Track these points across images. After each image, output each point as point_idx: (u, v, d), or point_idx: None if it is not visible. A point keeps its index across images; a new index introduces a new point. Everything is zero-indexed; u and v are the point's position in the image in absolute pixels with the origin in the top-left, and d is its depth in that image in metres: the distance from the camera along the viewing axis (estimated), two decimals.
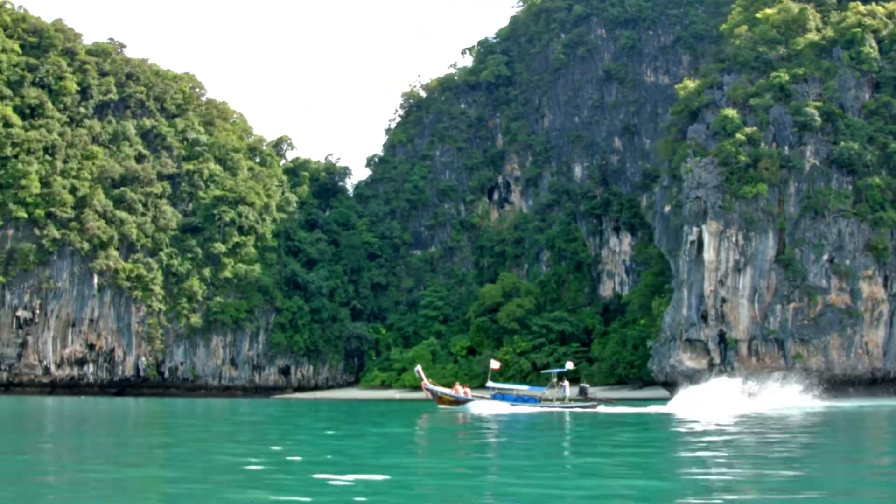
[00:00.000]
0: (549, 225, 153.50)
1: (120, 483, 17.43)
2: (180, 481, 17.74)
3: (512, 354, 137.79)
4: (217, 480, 17.80)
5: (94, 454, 24.60)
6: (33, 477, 18.62)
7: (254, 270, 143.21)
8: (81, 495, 15.79)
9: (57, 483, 17.78)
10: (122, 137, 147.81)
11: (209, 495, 15.57)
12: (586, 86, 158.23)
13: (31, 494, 15.78)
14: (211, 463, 21.56)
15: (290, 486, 16.80)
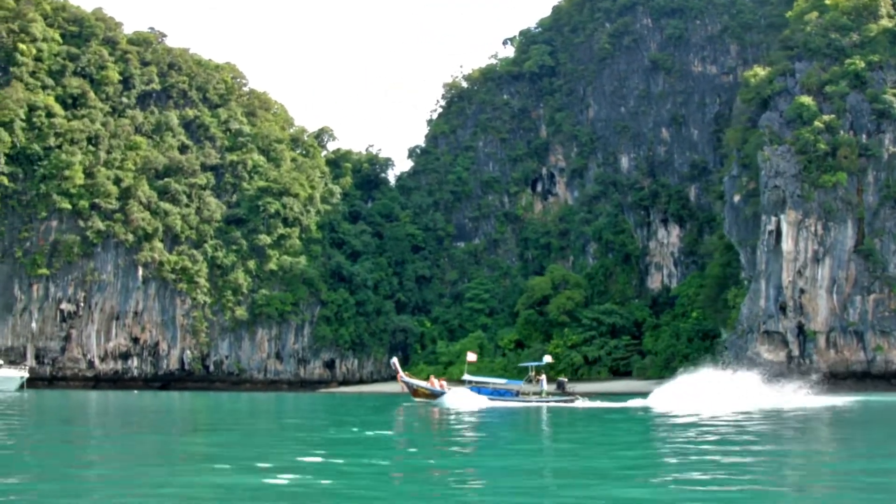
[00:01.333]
0: (596, 217, 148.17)
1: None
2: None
3: (562, 348, 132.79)
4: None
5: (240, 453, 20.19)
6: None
7: (299, 262, 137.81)
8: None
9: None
10: (164, 128, 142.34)
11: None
12: (632, 76, 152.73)
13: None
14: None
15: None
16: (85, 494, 13.55)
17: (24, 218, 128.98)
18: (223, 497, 13.34)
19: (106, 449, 20.11)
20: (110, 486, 14.77)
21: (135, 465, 17.72)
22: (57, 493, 13.51)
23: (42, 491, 13.82)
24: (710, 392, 47.72)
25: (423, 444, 23.78)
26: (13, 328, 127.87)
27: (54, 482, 14.97)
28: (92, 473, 16.62)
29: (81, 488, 14.36)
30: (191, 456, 20.12)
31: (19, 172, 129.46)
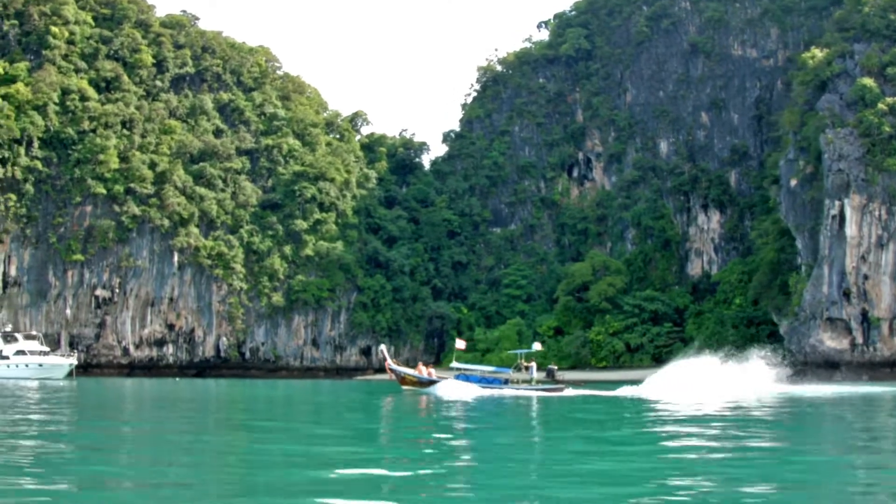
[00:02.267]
0: (635, 202, 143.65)
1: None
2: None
3: (604, 335, 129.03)
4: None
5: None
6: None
7: (335, 248, 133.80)
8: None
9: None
10: (199, 111, 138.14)
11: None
12: (671, 59, 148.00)
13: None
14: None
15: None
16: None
17: (59, 203, 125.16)
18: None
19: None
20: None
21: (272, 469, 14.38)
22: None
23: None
24: (704, 380, 46.23)
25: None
26: (47, 315, 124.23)
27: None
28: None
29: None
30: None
31: (53, 157, 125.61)
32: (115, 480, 13.19)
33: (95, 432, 22.60)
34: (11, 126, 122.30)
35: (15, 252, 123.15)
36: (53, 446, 17.99)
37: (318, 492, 11.87)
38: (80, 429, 23.36)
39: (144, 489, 12.48)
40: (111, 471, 14.28)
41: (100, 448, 17.65)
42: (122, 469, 14.88)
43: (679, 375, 50.39)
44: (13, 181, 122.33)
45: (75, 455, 16.01)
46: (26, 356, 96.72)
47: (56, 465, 14.51)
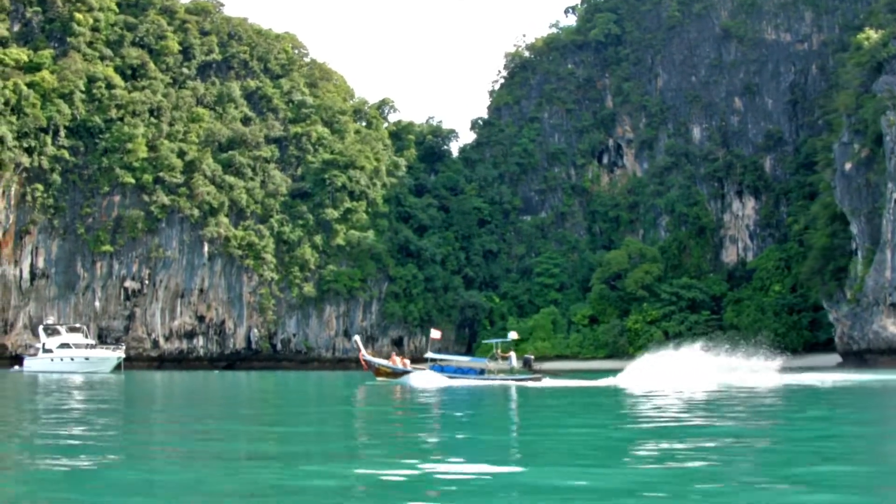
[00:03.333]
0: (668, 189, 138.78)
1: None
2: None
3: (641, 323, 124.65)
4: None
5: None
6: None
7: (367, 237, 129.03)
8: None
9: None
10: (226, 99, 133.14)
11: None
12: (703, 44, 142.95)
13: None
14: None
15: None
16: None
17: (86, 193, 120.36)
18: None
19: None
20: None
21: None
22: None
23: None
24: (682, 369, 44.32)
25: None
26: (75, 307, 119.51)
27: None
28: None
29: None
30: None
31: (80, 146, 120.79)
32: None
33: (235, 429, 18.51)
34: (37, 114, 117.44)
35: (42, 243, 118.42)
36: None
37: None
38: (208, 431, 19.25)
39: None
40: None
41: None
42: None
43: (659, 365, 47.64)
44: (40, 171, 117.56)
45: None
46: (71, 349, 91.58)
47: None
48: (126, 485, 10.54)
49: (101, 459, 12.71)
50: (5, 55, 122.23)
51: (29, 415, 22.56)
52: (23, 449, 14.53)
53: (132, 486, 10.48)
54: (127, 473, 11.36)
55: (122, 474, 11.31)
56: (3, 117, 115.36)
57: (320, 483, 10.56)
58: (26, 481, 10.91)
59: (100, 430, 17.99)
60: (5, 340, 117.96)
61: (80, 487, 10.44)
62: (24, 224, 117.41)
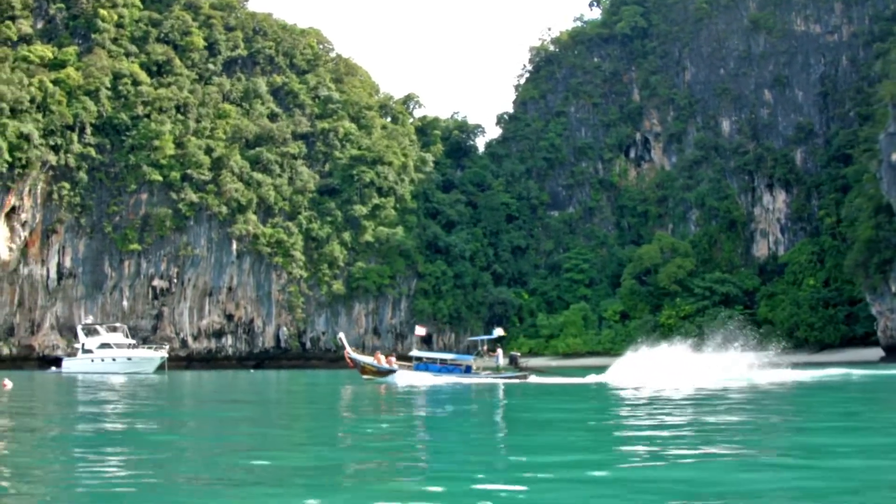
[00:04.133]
0: (697, 182, 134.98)
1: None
2: None
3: (675, 318, 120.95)
4: None
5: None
6: None
7: (396, 234, 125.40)
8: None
9: None
10: (253, 95, 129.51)
11: None
12: (731, 36, 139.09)
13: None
14: None
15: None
16: None
17: (113, 191, 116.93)
18: None
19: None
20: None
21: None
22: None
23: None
24: (670, 366, 42.04)
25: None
26: (103, 307, 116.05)
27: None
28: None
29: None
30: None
31: (106, 143, 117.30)
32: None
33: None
34: (64, 112, 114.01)
35: (69, 242, 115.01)
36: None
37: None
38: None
39: None
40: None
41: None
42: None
43: (646, 362, 45.43)
44: (66, 169, 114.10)
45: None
46: (112, 349, 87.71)
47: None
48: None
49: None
50: (30, 52, 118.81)
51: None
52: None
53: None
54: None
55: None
56: (28, 115, 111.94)
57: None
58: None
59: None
60: (32, 341, 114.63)
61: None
62: (51, 223, 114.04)
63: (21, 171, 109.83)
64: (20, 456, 13.36)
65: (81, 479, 10.74)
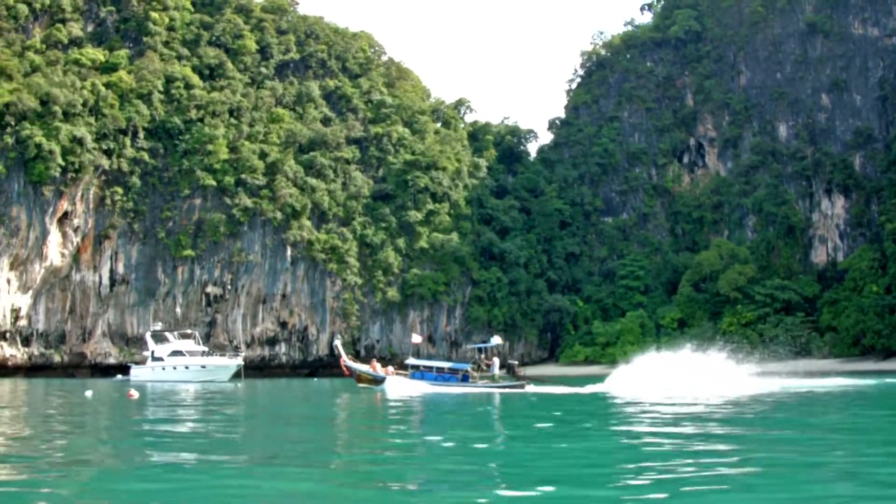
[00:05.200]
0: (754, 188, 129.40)
1: None
2: None
3: (736, 325, 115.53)
4: None
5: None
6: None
7: (451, 240, 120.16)
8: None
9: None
10: (305, 99, 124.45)
11: None
12: (787, 40, 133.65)
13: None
14: None
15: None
16: None
17: (166, 196, 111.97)
18: None
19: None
20: None
21: None
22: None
23: None
24: (671, 375, 40.37)
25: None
26: (155, 314, 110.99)
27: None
28: None
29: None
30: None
31: (159, 147, 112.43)
32: None
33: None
34: (116, 115, 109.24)
35: (122, 248, 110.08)
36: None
37: None
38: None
39: None
40: None
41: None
42: None
43: (646, 370, 43.92)
44: (119, 174, 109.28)
45: None
46: (185, 357, 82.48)
47: None
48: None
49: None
50: (82, 55, 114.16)
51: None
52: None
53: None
54: None
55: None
56: (81, 118, 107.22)
57: None
58: None
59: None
60: (84, 349, 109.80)
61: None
62: (104, 228, 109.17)
63: (74, 176, 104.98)
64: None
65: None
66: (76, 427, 21.79)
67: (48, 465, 13.32)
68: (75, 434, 19.35)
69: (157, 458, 14.25)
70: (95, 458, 14.63)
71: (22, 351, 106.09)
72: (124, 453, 15.32)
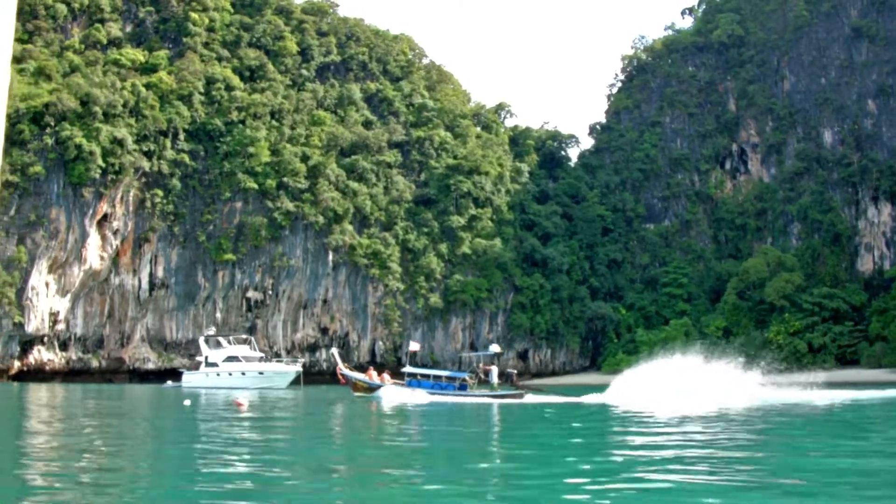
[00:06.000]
0: (799, 195, 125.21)
1: None
2: None
3: (783, 334, 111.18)
4: None
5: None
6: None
7: (494, 246, 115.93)
8: None
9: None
10: (347, 102, 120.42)
11: None
12: (832, 45, 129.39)
13: None
14: None
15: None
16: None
17: (207, 199, 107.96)
18: None
19: None
20: None
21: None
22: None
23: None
24: (673, 385, 38.35)
25: None
26: (194, 319, 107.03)
27: None
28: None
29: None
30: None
31: (200, 150, 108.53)
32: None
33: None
34: (157, 116, 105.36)
35: (162, 252, 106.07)
36: None
37: None
38: None
39: None
40: None
41: None
42: None
43: (649, 379, 41.79)
44: (159, 176, 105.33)
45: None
46: (241, 363, 78.39)
47: None
48: None
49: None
50: (121, 55, 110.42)
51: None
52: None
53: None
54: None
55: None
56: (121, 119, 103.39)
57: None
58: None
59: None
60: (122, 354, 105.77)
61: None
62: (143, 231, 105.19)
63: (114, 178, 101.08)
64: None
65: None
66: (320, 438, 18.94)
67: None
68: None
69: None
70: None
71: (59, 355, 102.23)
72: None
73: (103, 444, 17.84)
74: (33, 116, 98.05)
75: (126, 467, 14.23)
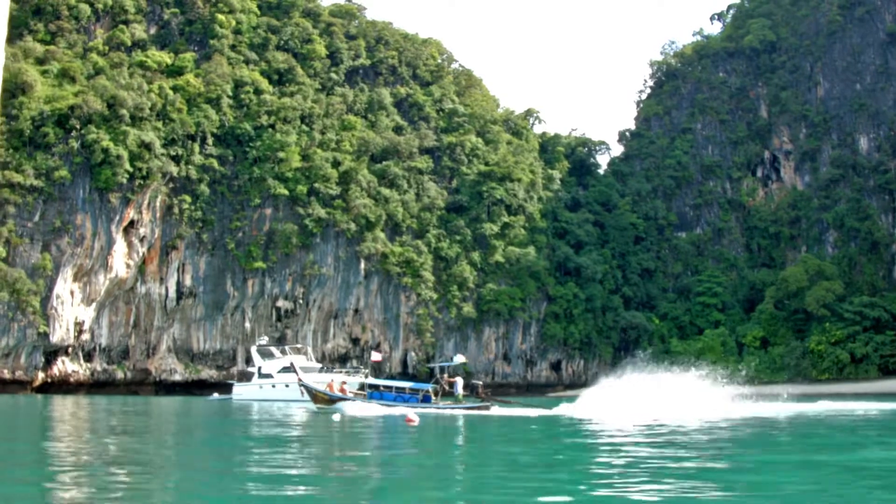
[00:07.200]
0: (834, 202, 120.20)
1: None
2: None
3: (825, 344, 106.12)
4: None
5: None
6: None
7: (527, 254, 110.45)
8: None
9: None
10: (377, 106, 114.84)
11: None
12: (867, 50, 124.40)
13: None
14: None
15: None
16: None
17: (236, 205, 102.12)
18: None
19: None
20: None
21: None
22: None
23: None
24: (644, 397, 37.29)
25: None
26: (222, 328, 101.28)
27: None
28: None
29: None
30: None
31: (228, 155, 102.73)
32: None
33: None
34: (185, 119, 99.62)
35: (189, 260, 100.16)
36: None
37: None
38: None
39: None
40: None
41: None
42: None
43: (619, 391, 40.49)
44: (187, 181, 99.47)
45: None
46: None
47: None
48: None
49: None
50: (147, 57, 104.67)
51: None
52: None
53: None
54: None
55: None
56: (149, 123, 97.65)
57: None
58: None
59: None
60: (148, 365, 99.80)
61: None
62: (170, 238, 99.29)
63: (141, 183, 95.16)
64: None
65: None
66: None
67: None
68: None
69: None
70: None
71: (84, 367, 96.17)
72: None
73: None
74: (58, 119, 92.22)
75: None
